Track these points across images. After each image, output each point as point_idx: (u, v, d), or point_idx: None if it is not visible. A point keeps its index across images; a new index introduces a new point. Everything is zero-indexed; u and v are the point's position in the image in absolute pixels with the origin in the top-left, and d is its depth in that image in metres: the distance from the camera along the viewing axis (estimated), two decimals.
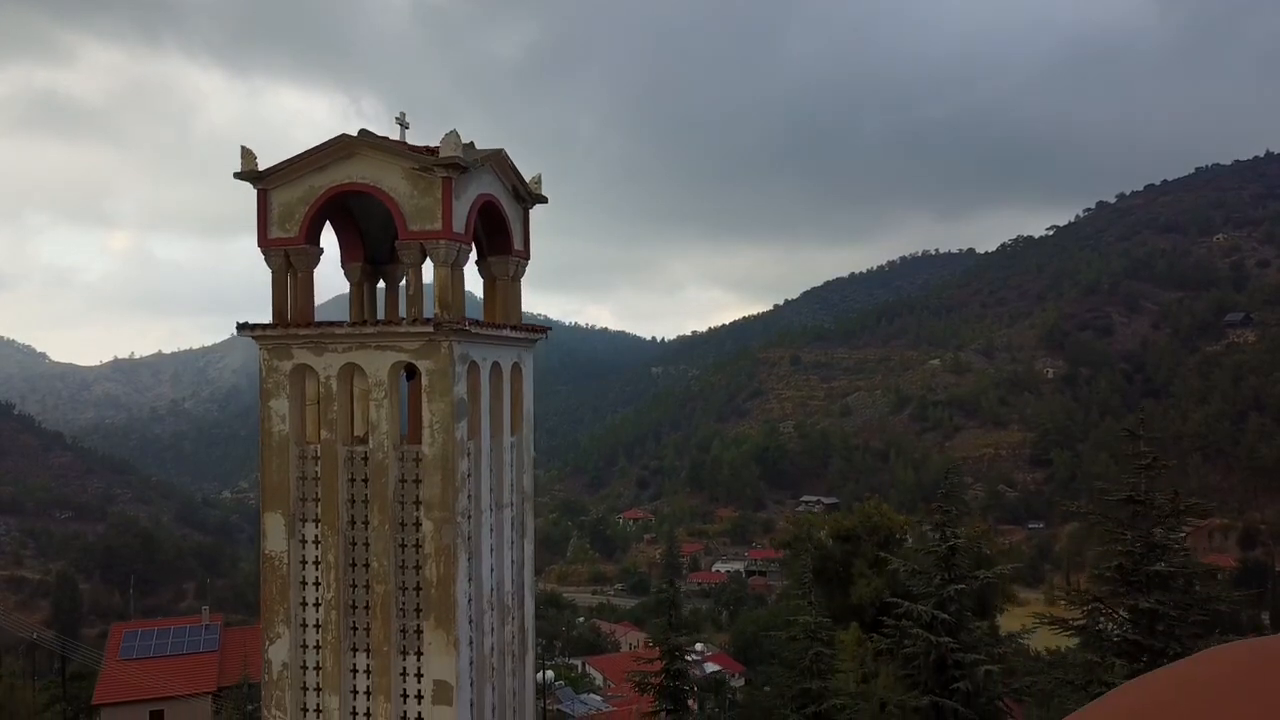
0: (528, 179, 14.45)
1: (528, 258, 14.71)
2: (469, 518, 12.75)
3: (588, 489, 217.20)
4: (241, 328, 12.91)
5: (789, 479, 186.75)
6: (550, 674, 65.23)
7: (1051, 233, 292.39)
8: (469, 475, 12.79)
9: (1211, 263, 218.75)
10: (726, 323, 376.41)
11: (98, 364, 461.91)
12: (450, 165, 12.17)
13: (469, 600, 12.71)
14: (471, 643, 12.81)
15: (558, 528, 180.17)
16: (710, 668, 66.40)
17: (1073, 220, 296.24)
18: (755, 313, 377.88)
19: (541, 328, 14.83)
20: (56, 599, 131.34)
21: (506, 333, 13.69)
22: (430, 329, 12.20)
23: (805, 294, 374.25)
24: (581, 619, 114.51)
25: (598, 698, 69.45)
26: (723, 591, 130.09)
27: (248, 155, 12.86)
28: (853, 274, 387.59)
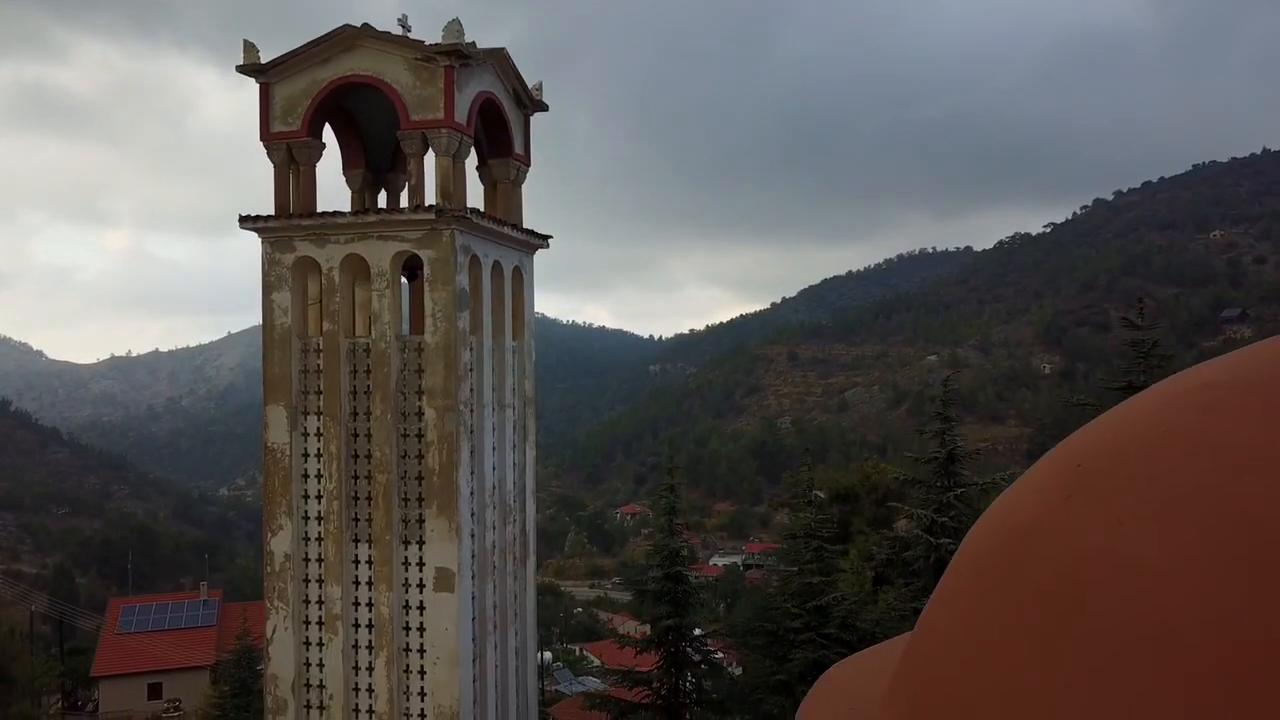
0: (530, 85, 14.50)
1: (528, 164, 14.74)
2: (471, 410, 12.78)
3: (585, 485, 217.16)
4: (244, 220, 12.92)
5: (786, 473, 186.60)
6: (549, 655, 65.37)
7: (1049, 230, 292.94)
8: (471, 369, 12.82)
9: (1208, 259, 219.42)
10: (724, 321, 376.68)
11: (95, 362, 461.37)
12: (452, 53, 12.21)
13: (471, 492, 12.74)
14: (473, 535, 12.83)
15: (555, 523, 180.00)
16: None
17: (1070, 217, 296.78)
18: (753, 311, 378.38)
19: (544, 235, 14.87)
20: (53, 592, 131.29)
21: (507, 230, 13.72)
22: (432, 216, 12.24)
23: (803, 292, 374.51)
24: (579, 610, 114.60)
25: (595, 679, 69.52)
26: (720, 584, 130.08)
27: (249, 49, 12.88)
28: (850, 272, 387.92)
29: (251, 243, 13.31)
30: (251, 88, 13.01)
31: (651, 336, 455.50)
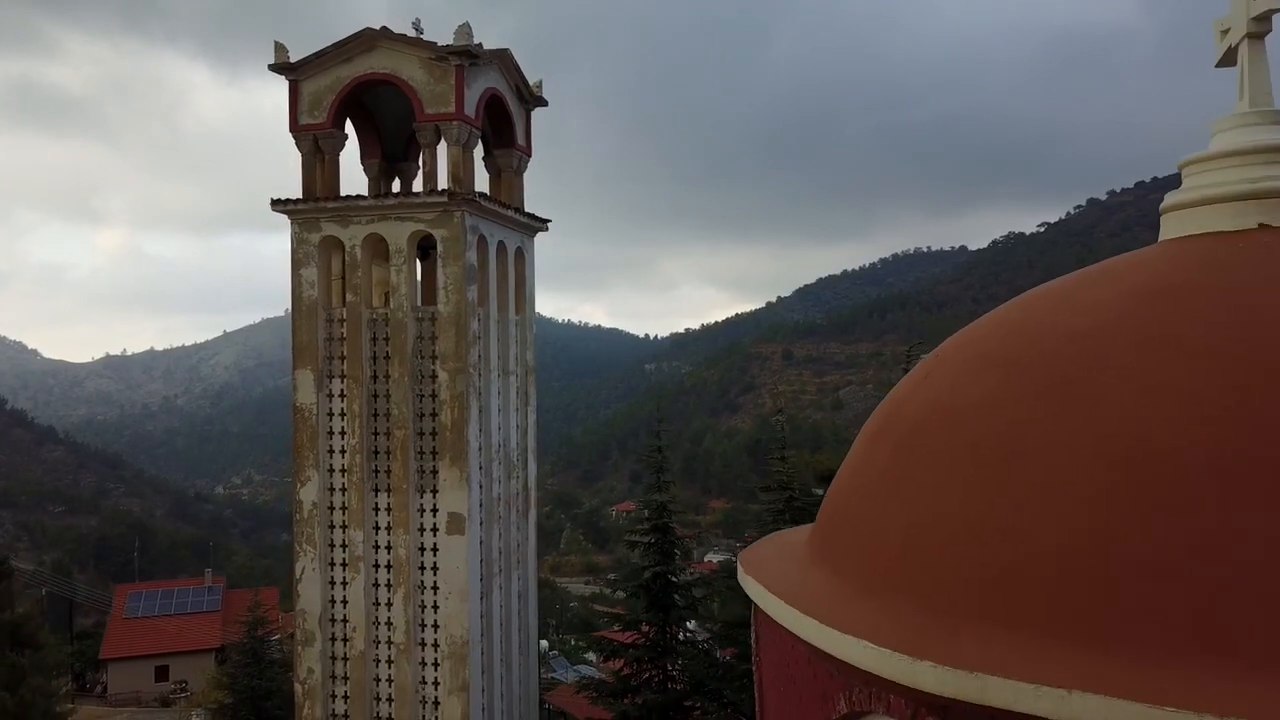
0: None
1: (529, 154, 16.20)
2: (479, 373, 14.24)
3: (581, 483, 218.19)
4: (275, 203, 14.35)
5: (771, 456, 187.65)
6: (545, 643, 66.97)
7: (1043, 229, 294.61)
8: (479, 336, 14.29)
9: None
10: (719, 320, 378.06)
11: (90, 360, 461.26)
12: (463, 53, 13.67)
13: (479, 447, 14.19)
14: (481, 486, 14.29)
15: (551, 520, 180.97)
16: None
17: (1064, 217, 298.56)
18: (748, 310, 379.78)
19: (543, 219, 16.32)
20: (52, 590, 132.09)
21: (511, 213, 15.19)
22: (445, 200, 13.70)
23: (798, 291, 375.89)
24: (574, 604, 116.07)
25: (590, 668, 71.02)
26: (714, 581, 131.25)
27: (280, 49, 14.31)
28: (845, 271, 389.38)
29: (248, 242, 15.19)
30: (247, 86, 14.69)
31: (647, 335, 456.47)
